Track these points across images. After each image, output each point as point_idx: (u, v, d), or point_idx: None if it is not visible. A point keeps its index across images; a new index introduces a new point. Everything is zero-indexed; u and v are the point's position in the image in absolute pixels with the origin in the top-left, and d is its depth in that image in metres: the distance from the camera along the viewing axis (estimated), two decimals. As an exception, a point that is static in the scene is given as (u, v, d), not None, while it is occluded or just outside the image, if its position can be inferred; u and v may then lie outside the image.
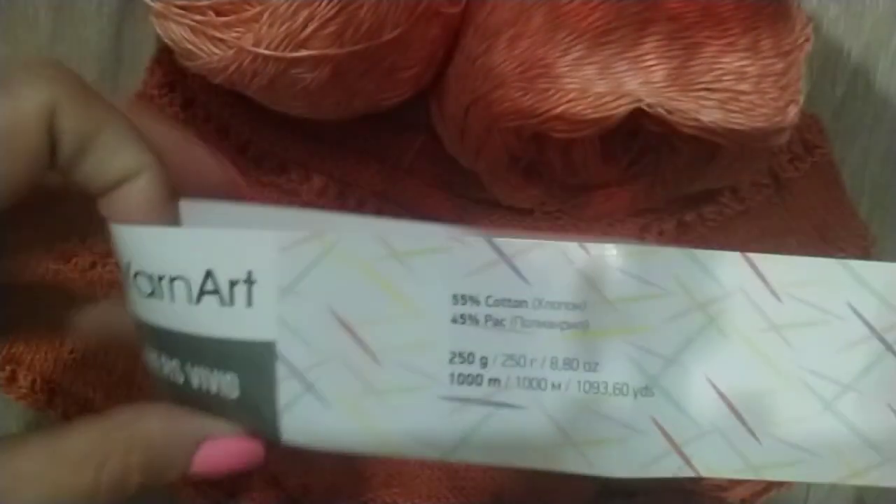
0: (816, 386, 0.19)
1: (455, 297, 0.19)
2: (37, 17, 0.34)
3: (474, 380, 0.19)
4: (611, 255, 0.19)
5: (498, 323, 0.19)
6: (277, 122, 0.33)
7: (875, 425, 0.19)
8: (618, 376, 0.19)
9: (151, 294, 0.19)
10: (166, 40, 0.27)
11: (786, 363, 0.19)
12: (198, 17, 0.26)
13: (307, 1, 0.25)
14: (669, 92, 0.26)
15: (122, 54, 0.35)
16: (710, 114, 0.27)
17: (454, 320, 0.19)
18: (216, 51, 0.26)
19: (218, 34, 0.26)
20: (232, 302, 0.19)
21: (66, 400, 0.34)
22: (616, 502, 0.35)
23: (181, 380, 0.20)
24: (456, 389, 0.19)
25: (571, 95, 0.26)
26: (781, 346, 0.19)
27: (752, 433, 0.19)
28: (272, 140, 0.34)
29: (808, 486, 0.37)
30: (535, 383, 0.19)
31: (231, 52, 0.26)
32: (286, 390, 0.19)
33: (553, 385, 0.19)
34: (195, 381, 0.19)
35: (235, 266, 0.19)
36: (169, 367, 0.20)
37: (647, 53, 0.26)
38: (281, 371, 0.19)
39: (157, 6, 0.26)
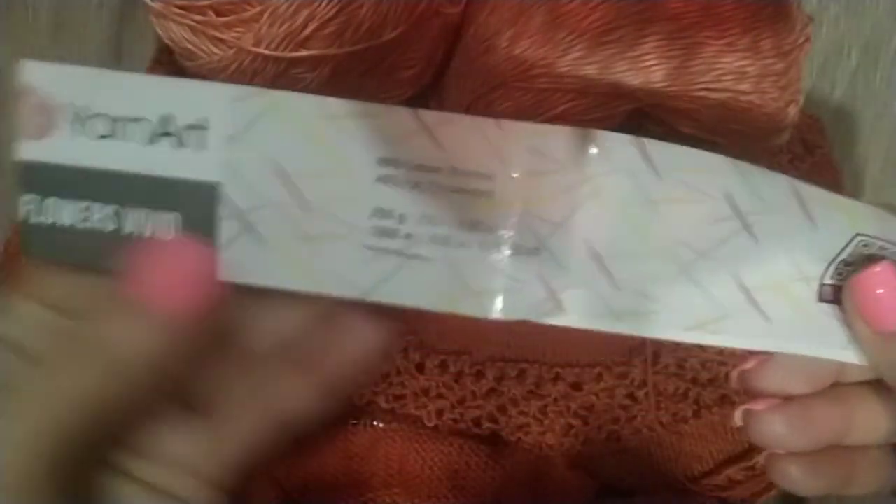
0: (678, 251, 0.22)
1: (380, 159, 0.21)
2: (37, 17, 0.34)
3: (392, 233, 0.22)
4: (521, 133, 0.22)
5: (416, 186, 0.22)
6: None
7: (719, 286, 0.22)
8: (514, 239, 0.22)
9: (105, 136, 0.21)
10: (166, 40, 0.27)
11: (654, 231, 0.22)
12: (198, 17, 0.26)
13: (307, 1, 0.25)
14: (669, 92, 0.26)
15: (122, 54, 0.35)
16: (710, 114, 0.27)
17: (378, 180, 0.21)
18: (216, 51, 0.26)
19: (218, 34, 0.26)
20: (185, 144, 0.21)
21: (66, 400, 0.34)
22: (616, 502, 0.35)
23: (111, 226, 0.21)
24: (376, 240, 0.22)
25: (571, 95, 0.26)
26: (654, 217, 0.22)
27: (616, 285, 0.22)
28: (272, 140, 0.34)
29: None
30: (443, 240, 0.22)
31: (231, 52, 0.26)
32: (227, 228, 0.21)
33: (459, 243, 0.22)
34: (128, 226, 0.21)
35: (192, 111, 0.21)
36: (100, 215, 0.21)
37: (647, 53, 0.26)
38: (223, 210, 0.21)
39: (157, 6, 0.26)
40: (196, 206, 0.21)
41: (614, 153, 0.22)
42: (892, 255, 0.22)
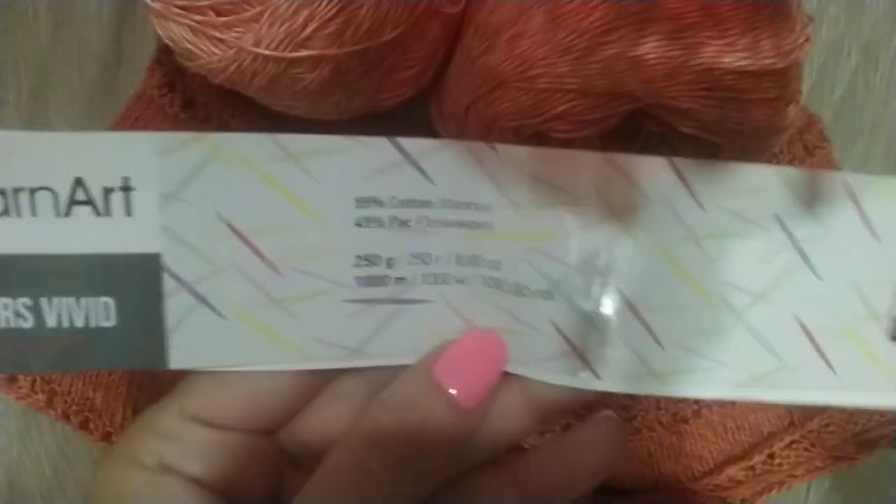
0: (730, 297, 0.19)
1: (358, 200, 0.18)
2: (37, 17, 0.34)
3: (380, 281, 0.19)
4: (521, 157, 0.19)
5: (403, 224, 0.19)
6: (277, 122, 0.33)
7: (779, 333, 0.19)
8: (518, 277, 0.19)
9: (3, 213, 0.17)
10: (166, 40, 0.27)
11: (702, 275, 0.19)
12: (198, 17, 0.26)
13: (307, 1, 0.25)
14: (669, 92, 0.26)
15: (122, 54, 0.35)
16: (710, 114, 0.27)
17: (358, 224, 0.18)
18: (216, 51, 0.26)
19: (218, 34, 0.26)
20: (108, 212, 0.17)
21: (65, 400, 0.34)
22: (616, 502, 0.35)
23: (29, 323, 0.17)
24: (362, 292, 0.18)
25: (571, 95, 0.26)
26: (700, 257, 0.18)
27: (658, 342, 0.18)
28: (272, 140, 0.34)
29: (808, 486, 0.37)
30: (439, 278, 0.19)
31: (231, 52, 0.26)
32: (175, 306, 0.18)
33: (457, 279, 0.19)
34: (52, 320, 0.17)
35: (109, 172, 0.17)
36: (12, 309, 0.17)
37: (647, 53, 0.26)
38: (168, 285, 0.17)
39: (157, 6, 0.26)
40: (134, 284, 0.17)
41: (646, 181, 0.19)
42: None
